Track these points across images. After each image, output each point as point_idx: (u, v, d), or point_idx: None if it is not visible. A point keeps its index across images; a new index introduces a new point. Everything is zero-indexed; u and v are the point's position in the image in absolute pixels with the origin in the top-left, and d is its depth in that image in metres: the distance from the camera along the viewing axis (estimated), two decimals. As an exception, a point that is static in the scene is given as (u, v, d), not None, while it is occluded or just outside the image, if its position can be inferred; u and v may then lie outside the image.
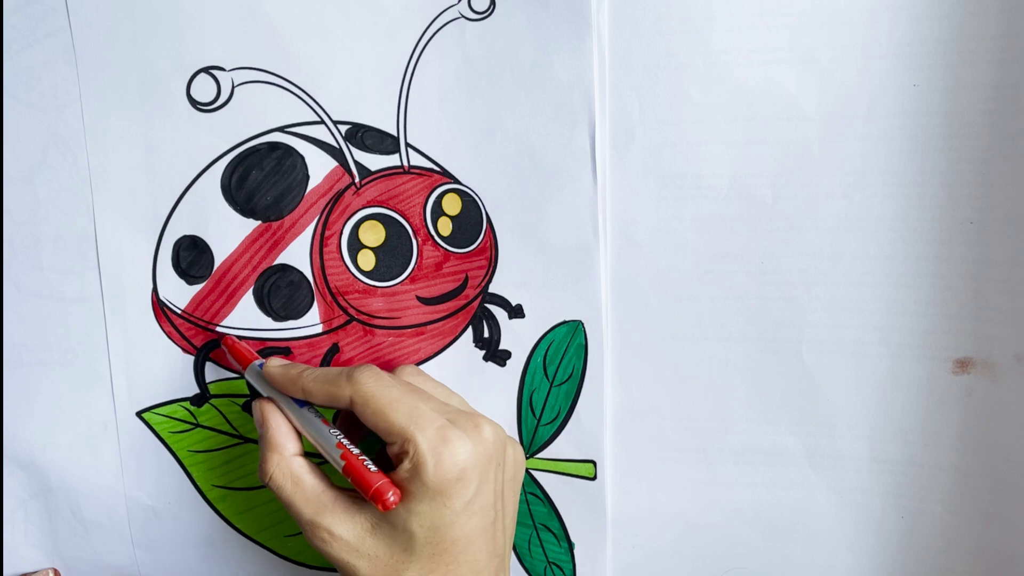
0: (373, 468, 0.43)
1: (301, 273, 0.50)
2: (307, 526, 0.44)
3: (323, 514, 0.44)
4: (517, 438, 0.53)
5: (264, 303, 0.50)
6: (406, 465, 0.42)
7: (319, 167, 0.49)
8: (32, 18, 0.47)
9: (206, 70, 0.47)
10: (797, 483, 0.52)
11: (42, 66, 0.48)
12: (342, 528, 0.43)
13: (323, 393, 0.45)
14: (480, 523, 0.44)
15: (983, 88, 0.45)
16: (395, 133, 0.49)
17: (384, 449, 0.45)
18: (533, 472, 0.53)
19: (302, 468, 0.45)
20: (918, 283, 0.48)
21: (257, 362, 0.48)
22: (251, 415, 0.52)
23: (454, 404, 0.47)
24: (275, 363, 0.47)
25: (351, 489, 0.45)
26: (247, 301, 0.50)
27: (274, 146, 0.48)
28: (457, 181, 0.49)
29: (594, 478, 0.52)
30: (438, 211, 0.50)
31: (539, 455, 0.53)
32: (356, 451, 0.44)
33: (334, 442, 0.44)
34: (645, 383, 0.52)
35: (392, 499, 0.42)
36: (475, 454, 0.43)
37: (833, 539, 0.52)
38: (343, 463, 0.43)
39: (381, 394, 0.43)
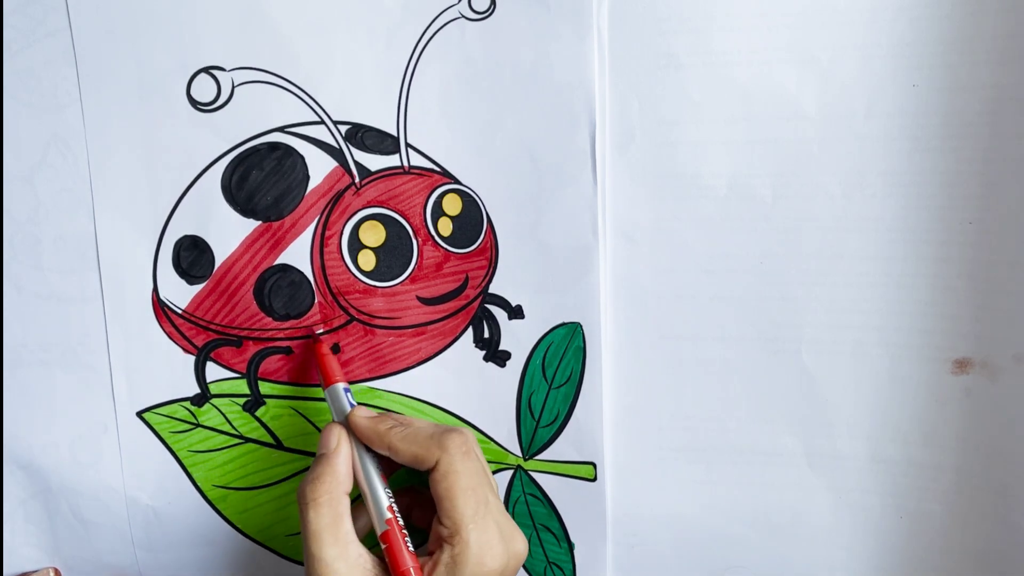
0: (411, 548, 0.44)
1: (302, 273, 0.50)
2: (321, 565, 0.43)
3: (342, 561, 0.43)
4: (516, 440, 0.53)
5: (265, 303, 0.50)
6: (446, 557, 0.43)
7: (319, 167, 0.49)
8: (32, 18, 0.47)
9: (206, 70, 0.47)
10: (796, 483, 0.52)
11: (42, 66, 0.48)
12: None
13: (409, 454, 0.44)
14: None
15: (983, 88, 0.45)
16: (395, 133, 0.49)
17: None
18: (532, 473, 0.53)
19: (347, 509, 0.45)
20: (917, 283, 0.48)
21: (341, 385, 0.48)
22: (252, 415, 0.52)
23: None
24: (362, 413, 0.47)
25: (374, 550, 0.45)
26: (248, 301, 0.50)
27: (274, 146, 0.48)
28: (457, 181, 0.49)
29: (594, 479, 0.52)
30: (438, 211, 0.50)
31: (538, 456, 0.53)
32: (401, 522, 0.44)
33: (386, 504, 0.45)
34: (645, 383, 0.52)
35: None
36: (505, 570, 0.44)
37: (832, 539, 0.52)
38: (386, 528, 0.44)
39: (463, 474, 0.44)
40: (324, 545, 0.43)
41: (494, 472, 0.53)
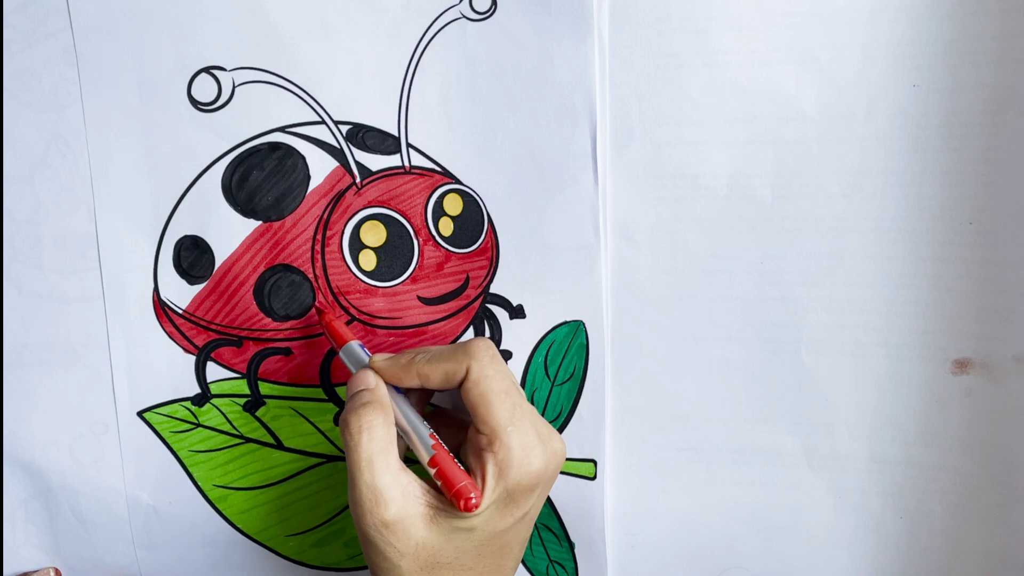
0: (461, 467, 0.43)
1: (302, 273, 0.50)
2: (373, 491, 0.42)
3: (396, 488, 0.42)
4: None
5: (265, 303, 0.50)
6: (491, 466, 0.42)
7: (320, 167, 0.49)
8: (32, 18, 0.47)
9: (207, 70, 0.47)
10: (796, 483, 0.52)
11: (43, 66, 0.48)
12: (406, 511, 0.42)
13: (440, 372, 0.44)
14: (525, 534, 0.45)
15: (983, 89, 0.45)
16: (396, 133, 0.49)
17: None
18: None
19: (395, 437, 0.44)
20: (917, 283, 0.48)
21: (355, 342, 0.48)
22: (252, 415, 0.52)
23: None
24: (381, 358, 0.46)
25: (420, 478, 0.44)
26: (248, 301, 0.50)
27: (275, 146, 0.49)
28: (458, 181, 0.49)
29: (594, 478, 0.52)
30: (439, 211, 0.50)
31: (539, 455, 0.53)
32: (446, 447, 0.44)
33: (427, 432, 0.44)
34: (645, 383, 0.52)
35: (474, 501, 0.41)
36: (547, 469, 0.43)
37: (831, 539, 0.52)
38: (433, 453, 0.43)
39: (494, 379, 0.43)
40: (377, 472, 0.42)
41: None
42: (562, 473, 0.53)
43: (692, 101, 0.48)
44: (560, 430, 0.52)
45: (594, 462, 0.52)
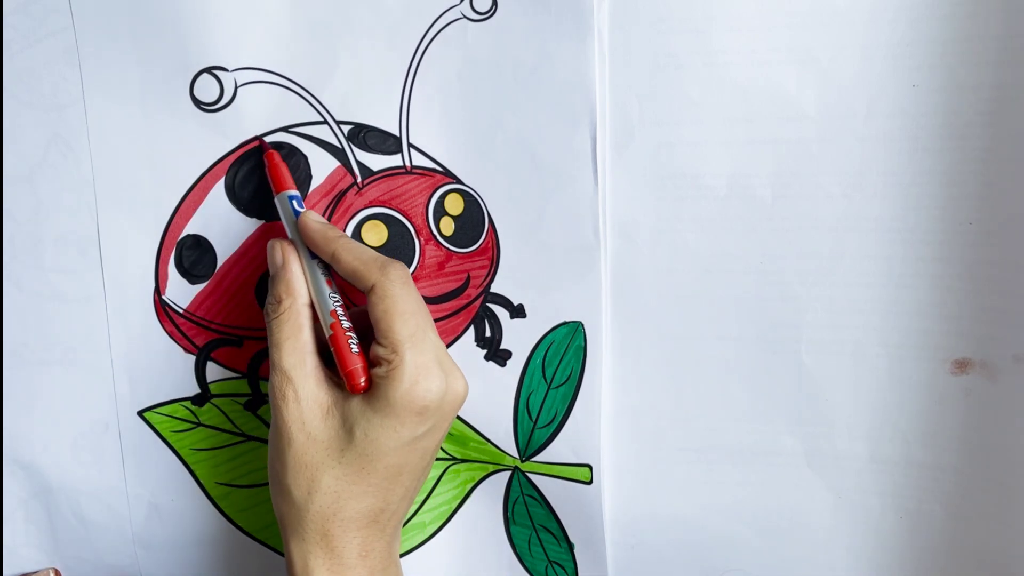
0: (356, 349, 0.44)
1: (303, 272, 0.50)
2: (279, 374, 0.44)
3: (299, 369, 0.44)
4: (513, 441, 0.53)
5: (266, 303, 0.50)
6: (381, 371, 0.43)
7: (321, 167, 0.49)
8: (34, 18, 0.47)
9: (209, 70, 0.47)
10: (796, 483, 0.52)
11: (43, 66, 0.48)
12: (306, 393, 0.44)
13: (350, 267, 0.44)
14: (415, 463, 0.45)
15: (983, 88, 0.45)
16: (397, 133, 0.49)
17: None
18: (530, 475, 0.53)
19: (308, 320, 0.45)
20: (917, 283, 0.48)
21: (289, 193, 0.47)
22: (253, 413, 0.52)
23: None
24: (314, 217, 0.46)
25: (332, 366, 0.45)
26: (249, 301, 0.50)
27: (277, 146, 0.48)
28: (459, 181, 0.50)
29: (590, 482, 0.52)
30: (440, 211, 0.50)
31: (535, 458, 0.53)
32: (347, 324, 0.44)
33: (330, 308, 0.45)
34: (644, 383, 0.52)
35: (362, 383, 0.43)
36: (443, 401, 0.44)
37: (831, 539, 0.52)
38: (331, 332, 0.44)
39: (401, 299, 0.43)
40: (284, 355, 0.44)
41: (491, 473, 0.54)
42: (558, 477, 0.53)
43: (692, 101, 0.48)
44: (555, 434, 0.52)
45: (589, 467, 0.52)
